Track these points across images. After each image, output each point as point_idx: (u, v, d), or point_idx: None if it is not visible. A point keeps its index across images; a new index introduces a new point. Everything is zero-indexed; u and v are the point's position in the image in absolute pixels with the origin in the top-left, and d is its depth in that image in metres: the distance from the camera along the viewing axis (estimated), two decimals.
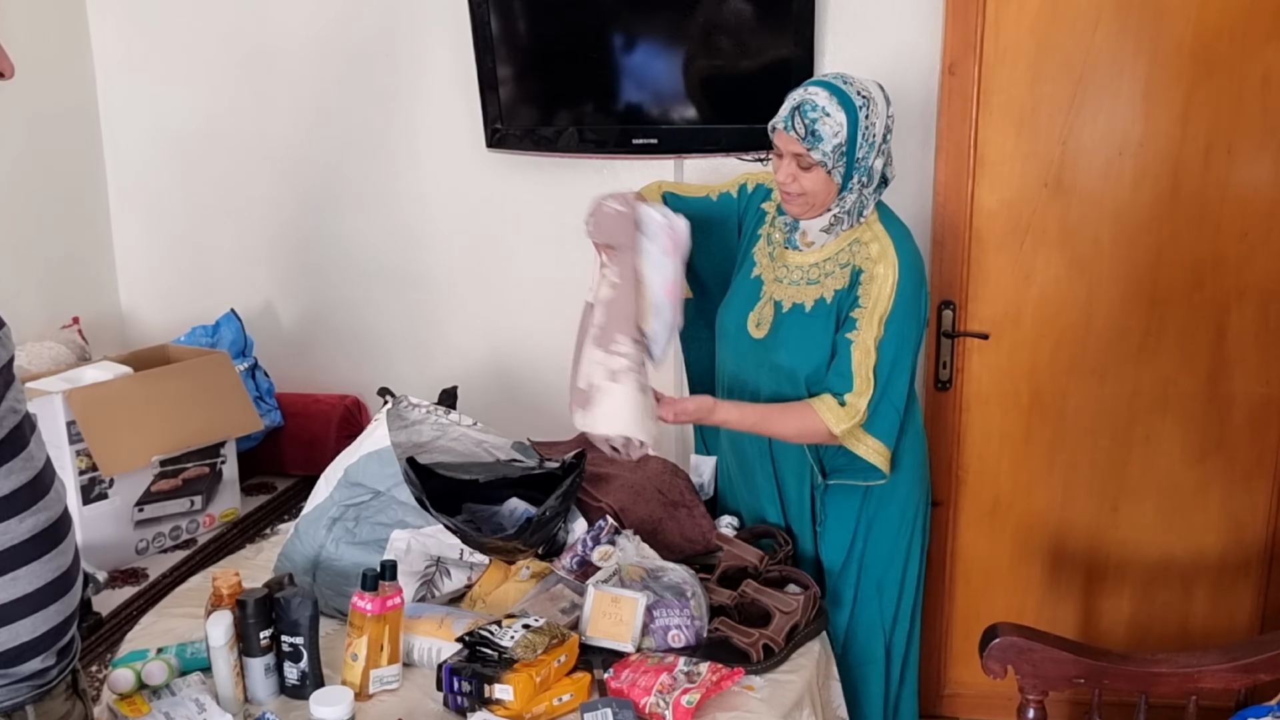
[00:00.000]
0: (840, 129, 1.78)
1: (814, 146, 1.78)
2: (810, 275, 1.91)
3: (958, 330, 2.54)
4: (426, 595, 1.76)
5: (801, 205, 1.86)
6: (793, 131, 1.80)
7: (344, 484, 1.84)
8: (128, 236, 2.98)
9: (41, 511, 1.16)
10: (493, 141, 2.63)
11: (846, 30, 2.51)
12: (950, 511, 2.65)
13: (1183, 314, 2.47)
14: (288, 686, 1.56)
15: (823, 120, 1.78)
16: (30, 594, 1.15)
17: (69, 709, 1.23)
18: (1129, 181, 2.43)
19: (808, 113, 1.78)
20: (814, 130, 1.78)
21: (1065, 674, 1.69)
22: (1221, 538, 2.57)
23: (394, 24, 2.71)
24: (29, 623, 1.15)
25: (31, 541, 1.15)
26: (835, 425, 1.83)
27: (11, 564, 1.14)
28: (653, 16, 2.50)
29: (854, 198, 1.84)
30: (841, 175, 1.81)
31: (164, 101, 2.89)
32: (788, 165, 1.84)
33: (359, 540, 1.78)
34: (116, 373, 2.21)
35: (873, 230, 1.88)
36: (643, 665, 1.56)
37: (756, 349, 1.96)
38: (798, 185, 1.83)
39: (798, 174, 1.82)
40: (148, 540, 2.22)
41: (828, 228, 1.88)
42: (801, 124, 1.78)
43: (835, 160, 1.79)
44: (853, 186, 1.83)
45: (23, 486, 1.14)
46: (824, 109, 1.78)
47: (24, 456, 1.15)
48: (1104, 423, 2.55)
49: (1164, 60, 2.35)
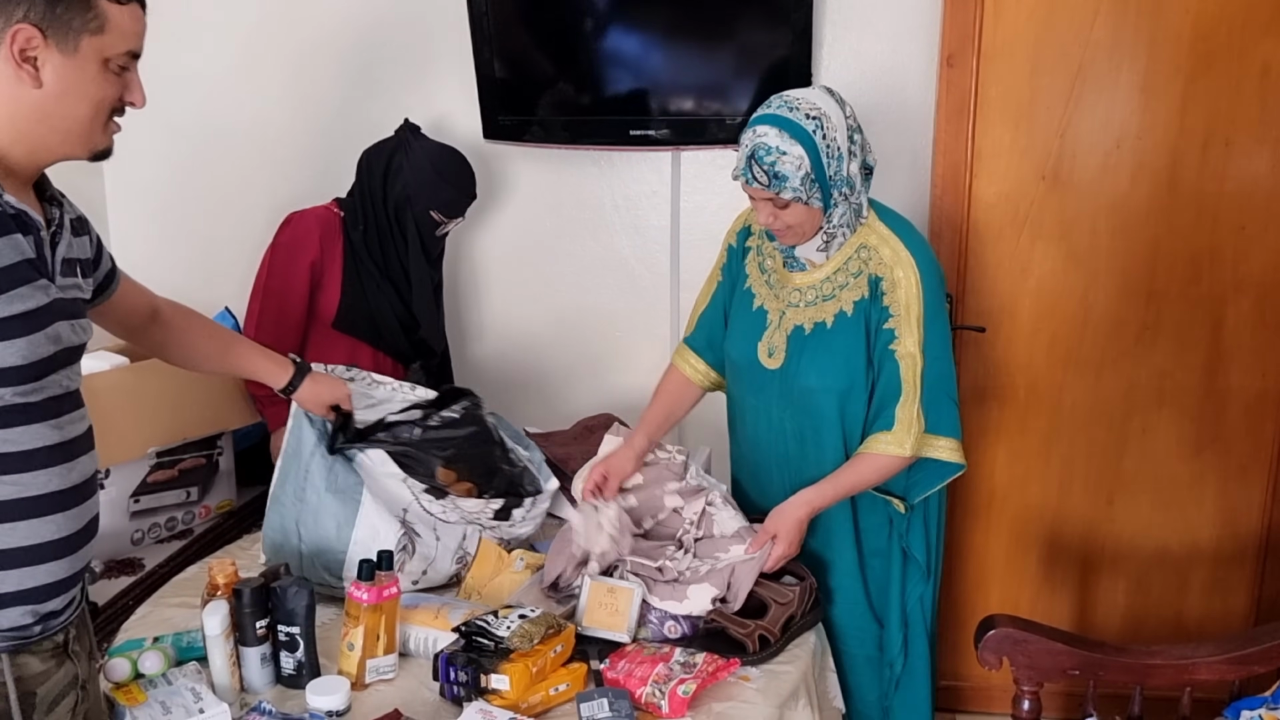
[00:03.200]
0: (801, 160, 1.72)
1: (781, 188, 1.74)
2: (824, 291, 1.86)
3: (955, 323, 2.54)
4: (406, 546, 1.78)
5: (794, 236, 1.83)
6: (756, 183, 1.76)
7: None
8: (124, 228, 2.97)
9: (59, 475, 1.24)
10: (490, 133, 2.62)
11: (845, 22, 2.51)
12: (947, 503, 2.65)
13: (1180, 307, 2.47)
14: (284, 676, 1.57)
15: (781, 160, 1.72)
16: (25, 547, 1.22)
17: (50, 668, 1.27)
18: (1126, 174, 2.43)
19: (764, 159, 1.73)
20: (776, 173, 1.73)
21: (1060, 666, 1.70)
22: (1217, 530, 2.58)
23: (391, 15, 2.70)
24: (15, 575, 1.22)
25: (41, 499, 1.23)
26: (900, 450, 1.81)
27: (13, 514, 1.21)
28: (651, 8, 2.50)
29: (841, 210, 1.81)
30: (820, 200, 1.77)
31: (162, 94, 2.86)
32: (764, 208, 1.80)
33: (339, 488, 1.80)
34: (113, 363, 2.20)
35: (878, 233, 1.84)
36: (639, 656, 1.56)
37: (775, 380, 1.91)
38: (781, 223, 1.80)
39: (777, 213, 1.79)
40: (144, 531, 2.22)
41: (823, 246, 1.84)
42: (761, 171, 1.74)
43: (809, 191, 1.75)
44: (836, 201, 1.79)
45: (43, 448, 1.23)
46: (778, 149, 1.72)
47: (55, 423, 1.24)
48: (1100, 416, 2.55)
49: (1162, 53, 2.35)
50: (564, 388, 2.77)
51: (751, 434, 2.00)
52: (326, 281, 2.31)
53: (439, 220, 2.32)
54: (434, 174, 2.29)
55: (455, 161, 2.34)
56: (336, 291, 2.31)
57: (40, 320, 1.20)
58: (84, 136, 1.27)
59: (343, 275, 2.31)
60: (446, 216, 2.33)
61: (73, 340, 1.28)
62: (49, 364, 1.22)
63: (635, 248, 2.73)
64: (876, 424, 1.82)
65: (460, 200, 2.34)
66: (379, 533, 1.76)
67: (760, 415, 1.96)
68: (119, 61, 1.27)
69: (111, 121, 1.30)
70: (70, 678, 1.30)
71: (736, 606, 1.70)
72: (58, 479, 1.24)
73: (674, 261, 2.69)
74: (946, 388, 1.85)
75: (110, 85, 1.27)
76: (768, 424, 1.95)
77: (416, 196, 2.28)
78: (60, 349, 1.24)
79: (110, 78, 1.27)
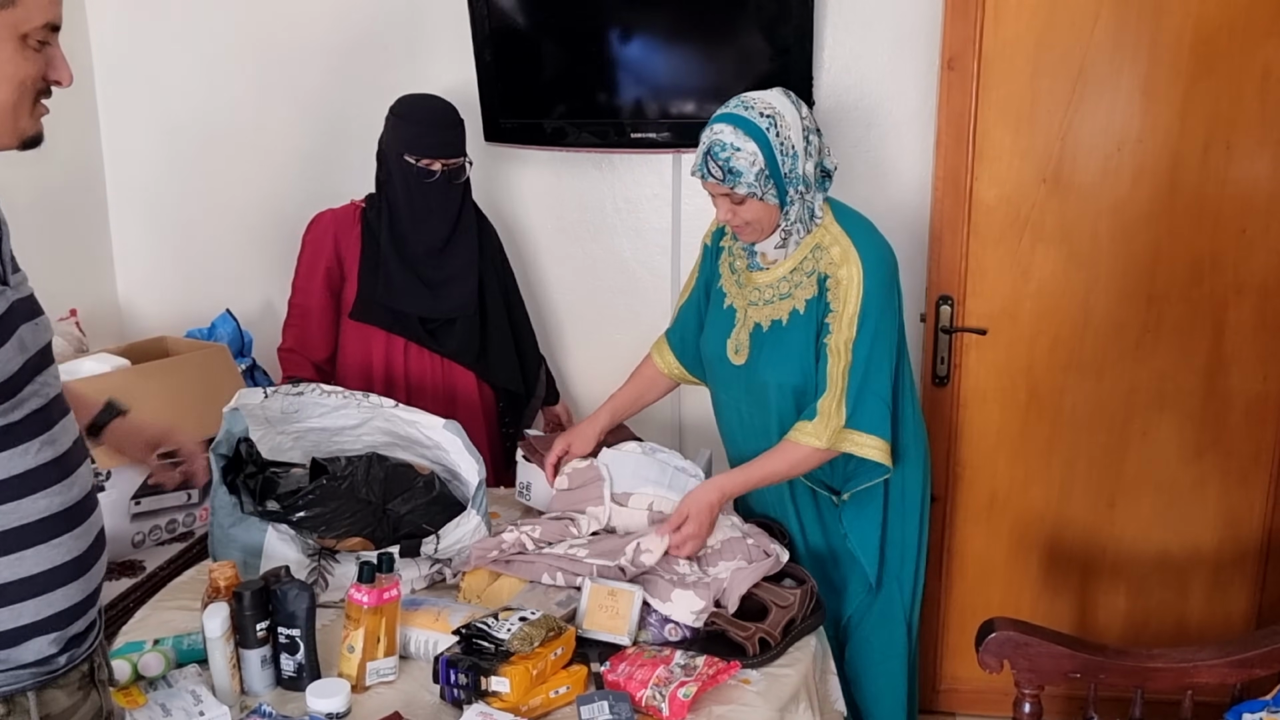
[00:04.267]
0: (755, 156, 1.78)
1: (736, 183, 1.80)
2: (780, 290, 1.91)
3: (955, 326, 2.54)
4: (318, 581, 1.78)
5: (752, 233, 1.89)
6: (711, 177, 1.82)
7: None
8: (126, 229, 2.98)
9: (59, 495, 1.16)
10: (491, 135, 2.63)
11: (845, 24, 2.51)
12: (947, 507, 2.65)
13: (1180, 310, 2.47)
14: (284, 678, 1.56)
15: (735, 156, 1.78)
16: (36, 575, 1.14)
17: (78, 701, 1.21)
18: (1127, 177, 2.42)
19: (719, 154, 1.80)
20: (731, 168, 1.79)
21: (1061, 669, 1.70)
22: (1218, 533, 2.58)
23: (392, 17, 2.71)
24: (32, 605, 1.14)
25: (45, 522, 1.15)
26: (816, 440, 1.84)
27: (19, 543, 1.13)
28: (651, 11, 2.50)
29: (797, 208, 1.85)
30: (776, 196, 1.83)
31: (162, 95, 2.88)
32: (723, 205, 1.87)
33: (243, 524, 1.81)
34: (114, 365, 2.21)
35: (830, 233, 1.88)
36: (639, 658, 1.56)
37: (739, 376, 1.97)
38: (739, 219, 1.86)
39: (735, 209, 1.85)
40: (144, 533, 2.22)
41: (781, 244, 1.89)
42: (717, 167, 1.80)
43: (764, 187, 1.80)
44: (792, 199, 1.84)
45: (40, 467, 1.14)
46: (732, 144, 1.79)
47: (46, 439, 1.16)
48: (1101, 418, 2.55)
49: (1163, 56, 2.35)
50: (565, 390, 2.77)
51: (727, 429, 2.09)
52: (348, 273, 2.33)
53: (416, 163, 2.23)
54: (395, 119, 2.26)
55: (414, 100, 2.29)
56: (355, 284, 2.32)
57: (3, 330, 1.11)
58: (9, 123, 1.15)
59: (360, 266, 2.31)
60: (420, 156, 2.23)
61: (37, 342, 1.18)
62: (21, 376, 1.13)
63: (636, 250, 2.74)
64: (803, 414, 1.87)
65: (426, 134, 2.24)
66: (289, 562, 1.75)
67: (731, 411, 2.04)
68: (38, 36, 1.14)
69: (39, 104, 1.18)
70: (96, 710, 1.24)
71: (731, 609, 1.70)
72: (59, 498, 1.17)
73: (674, 264, 2.70)
74: (876, 386, 1.85)
75: (31, 63, 1.14)
76: (739, 420, 2.03)
77: (390, 148, 2.25)
78: (29, 357, 1.15)
79: (30, 55, 1.14)
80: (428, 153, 2.24)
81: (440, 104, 2.28)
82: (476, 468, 1.92)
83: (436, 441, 1.96)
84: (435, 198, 2.28)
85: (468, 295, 2.35)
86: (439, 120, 2.26)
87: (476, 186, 2.79)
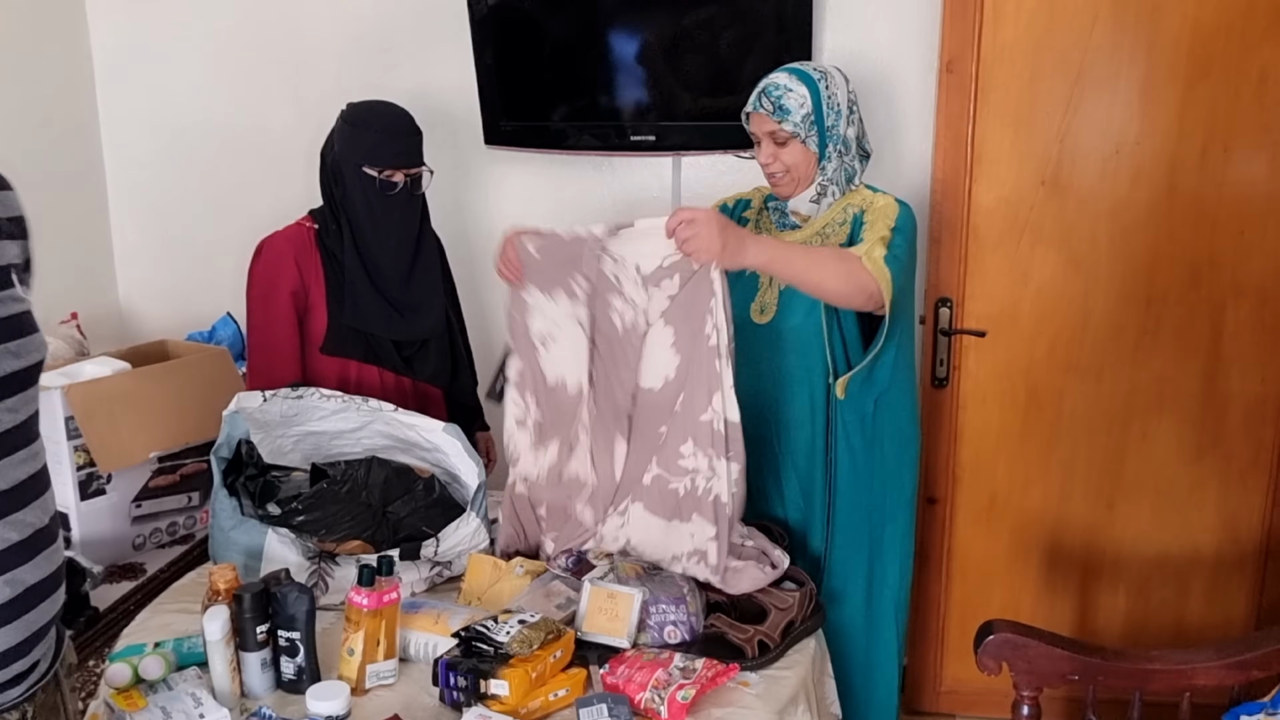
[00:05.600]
0: (805, 100, 1.89)
1: (784, 119, 1.89)
2: (814, 243, 1.95)
3: (955, 328, 2.55)
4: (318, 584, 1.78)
5: (788, 182, 1.94)
6: (762, 109, 1.91)
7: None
8: (127, 232, 2.98)
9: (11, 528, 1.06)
10: (491, 138, 2.63)
11: (845, 27, 2.51)
12: (947, 508, 2.66)
13: (1179, 312, 2.47)
14: (284, 681, 1.57)
15: (787, 95, 1.89)
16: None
17: None
18: (1126, 180, 2.43)
19: (772, 92, 1.91)
20: (780, 104, 1.89)
21: (1060, 671, 1.70)
22: (1217, 535, 2.58)
23: (392, 20, 2.72)
24: None
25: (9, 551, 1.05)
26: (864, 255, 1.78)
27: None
28: (651, 14, 2.51)
29: (834, 165, 1.93)
30: (817, 144, 1.91)
31: (163, 97, 2.89)
32: (766, 146, 1.94)
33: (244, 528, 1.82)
34: (115, 368, 2.21)
35: (864, 194, 1.96)
36: (638, 661, 1.56)
37: (764, 333, 1.98)
38: (779, 163, 1.93)
39: (776, 152, 1.92)
40: (145, 536, 2.22)
41: (817, 198, 1.95)
42: (769, 101, 1.90)
43: (807, 129, 1.89)
44: (830, 154, 1.92)
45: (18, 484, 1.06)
46: (786, 86, 1.90)
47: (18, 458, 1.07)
48: (1100, 420, 2.55)
49: (1161, 59, 2.36)
50: None
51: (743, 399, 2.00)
52: (313, 302, 2.14)
53: (380, 175, 2.07)
54: (350, 128, 2.09)
55: (369, 107, 2.12)
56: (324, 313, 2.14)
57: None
58: None
59: (326, 295, 2.13)
60: (383, 167, 2.07)
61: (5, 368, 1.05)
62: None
63: None
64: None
65: (387, 143, 2.08)
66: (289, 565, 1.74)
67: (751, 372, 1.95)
68: None
69: None
70: None
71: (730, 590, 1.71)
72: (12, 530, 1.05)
73: None
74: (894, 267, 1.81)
75: None
76: (754, 378, 1.96)
77: (345, 160, 2.07)
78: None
79: None
80: (390, 162, 2.08)
81: (398, 110, 2.13)
82: (476, 470, 1.92)
83: (436, 444, 1.96)
84: (398, 211, 2.13)
85: (438, 314, 2.23)
86: (400, 128, 2.11)
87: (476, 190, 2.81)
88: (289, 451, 2.00)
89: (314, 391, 1.96)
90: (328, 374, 2.15)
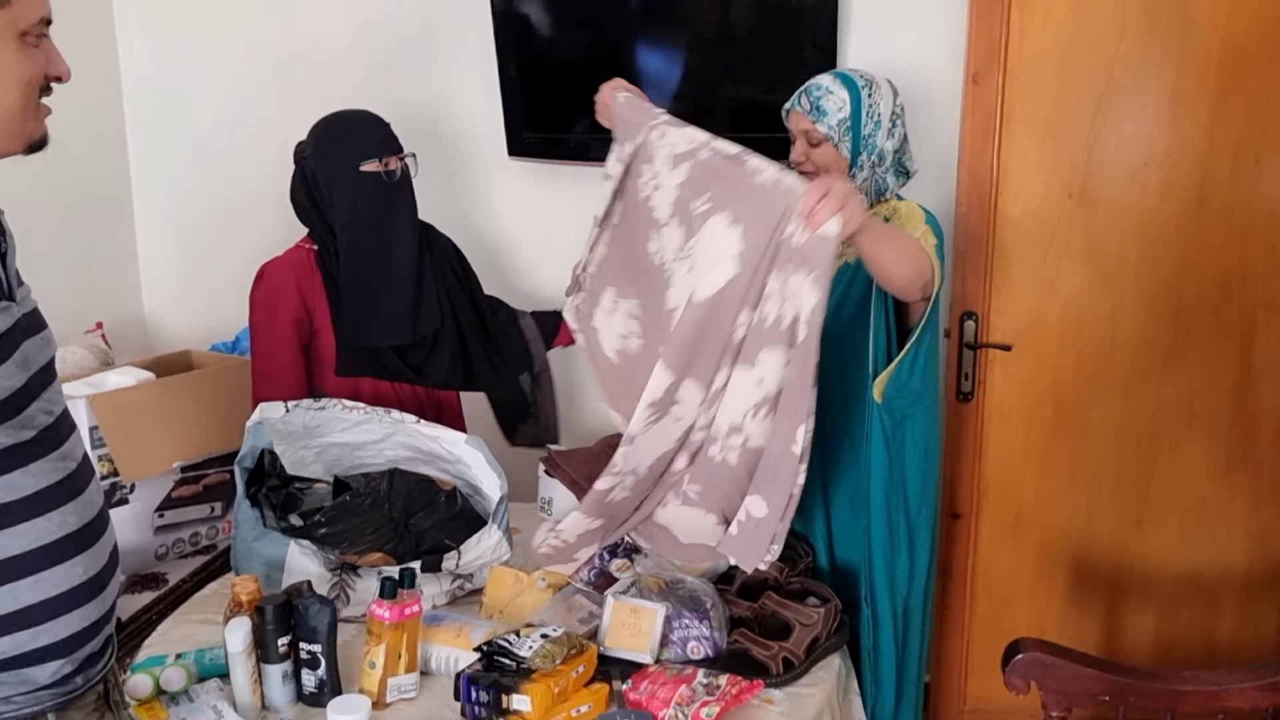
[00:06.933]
0: (844, 104, 1.88)
1: (819, 120, 1.89)
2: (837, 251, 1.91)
3: (980, 341, 2.52)
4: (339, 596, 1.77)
5: None
6: (799, 108, 1.92)
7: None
8: (152, 242, 3.00)
9: (73, 514, 1.14)
10: (515, 150, 2.63)
11: (869, 39, 2.50)
12: (972, 524, 2.63)
13: (1209, 327, 2.44)
14: (305, 694, 1.56)
15: (827, 97, 1.89)
16: (54, 597, 1.13)
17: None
18: (1155, 192, 2.40)
19: (813, 92, 1.91)
20: (819, 105, 1.89)
21: (1090, 691, 1.67)
22: (1248, 553, 2.54)
23: (417, 33, 2.72)
24: (50, 626, 1.13)
25: (61, 543, 1.13)
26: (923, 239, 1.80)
27: (37, 565, 1.12)
28: (673, 27, 2.51)
29: (865, 175, 1.90)
30: (849, 150, 1.89)
31: (189, 108, 2.91)
32: (799, 145, 1.94)
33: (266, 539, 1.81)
34: (139, 378, 2.22)
35: (892, 204, 1.94)
36: (661, 677, 1.55)
37: None
38: (810, 163, 1.92)
39: (809, 151, 1.92)
40: (167, 546, 2.22)
41: None
42: (808, 101, 1.91)
43: (841, 134, 1.88)
44: (862, 164, 1.90)
45: (49, 488, 1.12)
46: (828, 88, 1.90)
47: (56, 456, 1.14)
48: (1128, 436, 2.52)
49: (1191, 70, 2.33)
50: (588, 405, 2.77)
51: None
52: (320, 325, 2.16)
53: (380, 169, 2.11)
54: (330, 140, 2.13)
55: (336, 115, 2.19)
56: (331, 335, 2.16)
57: (6, 346, 1.08)
58: (17, 126, 1.12)
59: (333, 317, 2.15)
60: (380, 156, 2.11)
61: (41, 359, 1.15)
62: (26, 393, 1.10)
63: None
64: None
65: (370, 134, 2.13)
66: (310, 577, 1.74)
67: None
68: (35, 32, 1.11)
69: (41, 105, 1.15)
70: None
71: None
72: (74, 517, 1.14)
73: None
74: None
75: (33, 62, 1.12)
76: None
77: (338, 171, 2.10)
78: (32, 374, 1.12)
79: (31, 53, 1.11)
80: (384, 148, 2.12)
81: (362, 110, 2.20)
82: (499, 483, 1.92)
83: (458, 456, 1.96)
84: (402, 198, 2.15)
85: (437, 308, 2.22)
86: (375, 119, 2.17)
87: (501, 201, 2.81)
88: (311, 463, 2.00)
89: (336, 403, 1.97)
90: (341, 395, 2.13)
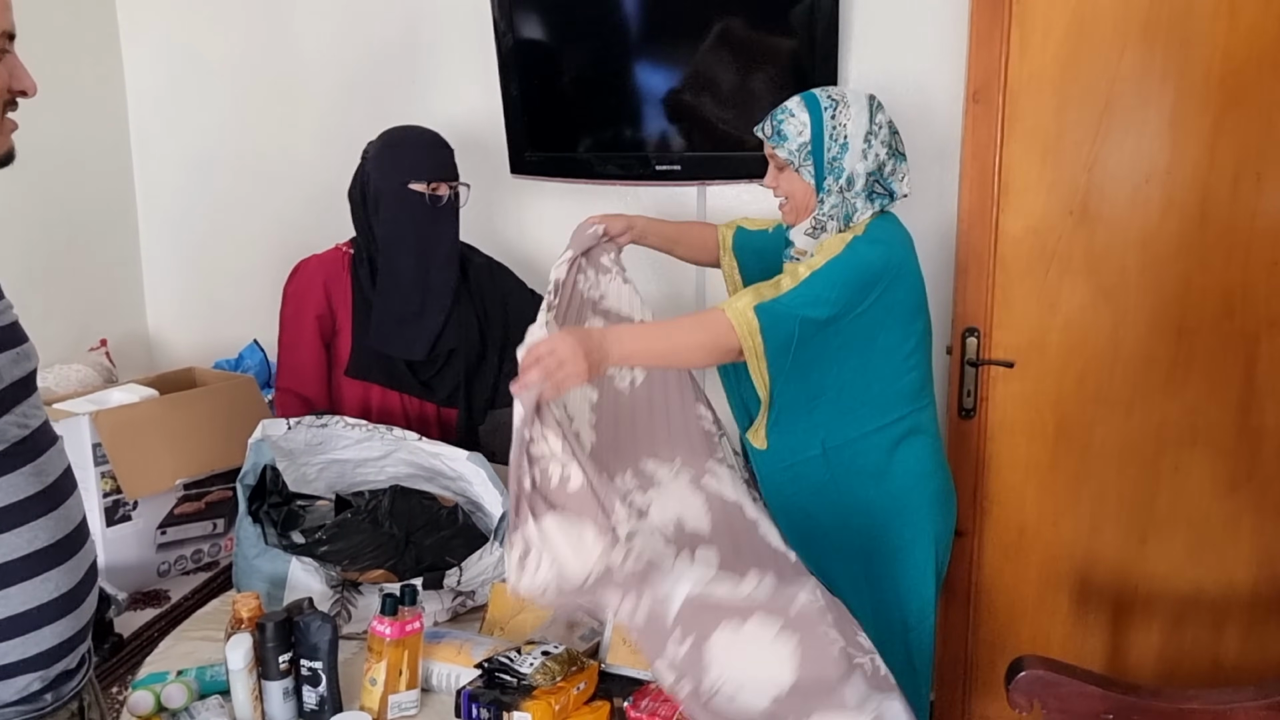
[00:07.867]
0: (804, 128, 1.85)
1: (779, 145, 1.87)
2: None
3: (982, 358, 2.52)
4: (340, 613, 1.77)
5: (789, 210, 1.92)
6: (761, 133, 1.90)
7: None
8: (156, 260, 3.02)
9: (46, 529, 1.12)
10: (517, 168, 2.64)
11: (871, 57, 2.51)
12: (975, 541, 2.62)
13: (1211, 344, 2.44)
14: (306, 711, 1.56)
15: (788, 120, 1.86)
16: (24, 612, 1.10)
17: None
18: (1156, 209, 2.41)
19: (777, 115, 1.89)
20: (779, 129, 1.87)
21: (1094, 709, 1.66)
22: (1253, 571, 2.53)
23: (417, 52, 2.75)
24: (19, 642, 1.10)
25: (32, 557, 1.10)
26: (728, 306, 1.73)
27: (4, 580, 1.09)
28: (675, 45, 2.52)
29: (832, 200, 1.86)
30: (812, 175, 1.86)
31: (194, 128, 2.93)
32: (771, 170, 1.93)
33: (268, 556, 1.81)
34: (142, 395, 2.22)
35: (856, 231, 1.86)
36: (663, 694, 1.54)
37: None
38: (780, 190, 1.91)
39: (777, 176, 1.91)
40: (169, 562, 2.22)
41: (813, 231, 1.89)
42: (770, 125, 1.89)
43: (801, 159, 1.85)
44: (828, 188, 1.85)
45: (24, 500, 1.10)
46: (790, 111, 1.87)
47: (30, 471, 1.11)
48: (1131, 453, 2.52)
49: (1191, 87, 2.34)
50: None
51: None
52: (340, 325, 2.22)
53: (429, 188, 2.15)
54: (389, 150, 2.17)
55: (404, 129, 2.23)
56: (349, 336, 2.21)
57: None
58: None
59: (353, 320, 2.20)
60: (428, 180, 2.15)
61: (14, 373, 1.11)
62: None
63: (661, 283, 2.73)
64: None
65: (429, 156, 2.17)
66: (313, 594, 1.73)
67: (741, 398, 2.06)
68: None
69: (5, 119, 1.12)
70: None
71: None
72: (45, 532, 1.11)
73: (699, 297, 2.69)
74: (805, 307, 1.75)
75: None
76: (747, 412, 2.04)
77: (387, 182, 2.14)
78: (4, 387, 1.09)
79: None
80: (434, 174, 2.16)
81: (430, 130, 2.24)
82: (500, 500, 1.92)
83: (460, 473, 1.96)
84: (444, 226, 2.18)
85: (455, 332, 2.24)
86: (437, 142, 2.21)
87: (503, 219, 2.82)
88: (313, 479, 2.00)
89: (338, 420, 1.97)
90: (351, 398, 2.20)
